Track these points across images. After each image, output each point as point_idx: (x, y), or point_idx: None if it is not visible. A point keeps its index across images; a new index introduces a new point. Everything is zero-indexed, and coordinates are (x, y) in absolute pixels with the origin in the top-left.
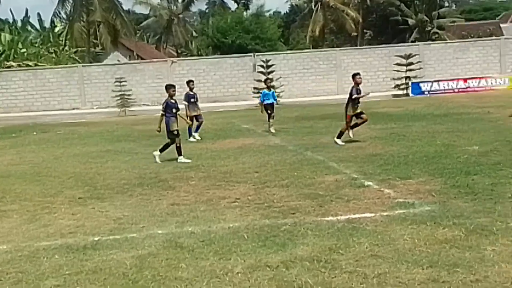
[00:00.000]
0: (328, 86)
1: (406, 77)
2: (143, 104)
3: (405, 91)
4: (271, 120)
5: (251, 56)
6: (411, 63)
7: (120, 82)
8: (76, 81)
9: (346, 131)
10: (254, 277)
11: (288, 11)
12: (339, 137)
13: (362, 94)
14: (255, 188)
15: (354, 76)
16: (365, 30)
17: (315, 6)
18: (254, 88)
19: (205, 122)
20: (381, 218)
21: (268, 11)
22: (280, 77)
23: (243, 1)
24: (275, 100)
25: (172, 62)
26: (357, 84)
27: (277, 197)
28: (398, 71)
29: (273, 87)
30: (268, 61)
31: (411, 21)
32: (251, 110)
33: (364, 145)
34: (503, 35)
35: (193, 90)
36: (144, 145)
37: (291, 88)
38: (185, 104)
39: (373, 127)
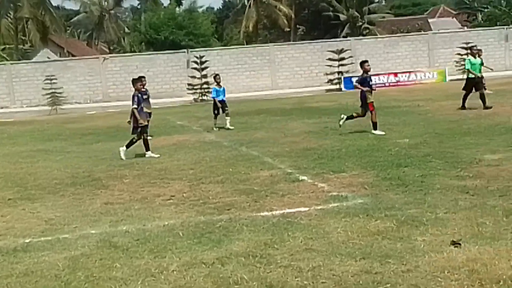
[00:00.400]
0: (262, 81)
1: (339, 72)
2: (75, 102)
3: (338, 86)
4: (227, 118)
5: (184, 52)
6: (343, 58)
7: (51, 79)
8: (4, 79)
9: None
10: (189, 274)
11: (221, 7)
12: (375, 128)
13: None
14: (190, 185)
15: (362, 63)
16: (298, 26)
17: (248, 1)
18: (189, 84)
19: None
20: (315, 212)
21: (201, 7)
22: (214, 73)
23: None
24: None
25: (104, 59)
26: (366, 71)
27: (213, 194)
28: (330, 66)
29: (207, 83)
30: (202, 57)
31: (342, 17)
32: (185, 106)
33: (298, 140)
34: (431, 30)
35: (145, 87)
36: (77, 143)
37: (225, 84)
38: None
39: (307, 122)
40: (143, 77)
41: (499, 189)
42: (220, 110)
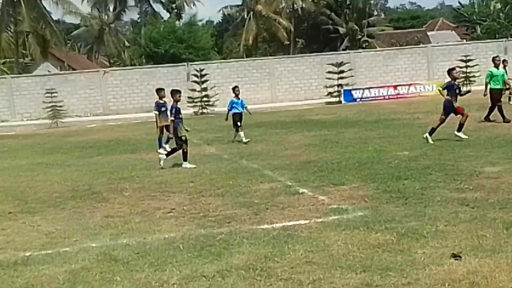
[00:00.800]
0: (262, 94)
1: (338, 85)
2: (75, 115)
3: (337, 99)
4: (240, 132)
5: (184, 65)
6: (343, 71)
7: (51, 93)
8: (5, 93)
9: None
10: (190, 287)
11: (221, 20)
12: (459, 130)
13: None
14: (190, 198)
15: (450, 71)
16: (297, 39)
17: (247, 15)
18: (189, 97)
19: (139, 132)
20: (315, 224)
21: (201, 20)
22: (215, 86)
23: (176, 10)
24: (245, 108)
25: (105, 72)
26: (454, 79)
27: (213, 206)
28: (330, 78)
29: (207, 96)
30: (202, 70)
31: (342, 30)
32: (185, 119)
33: (298, 152)
34: (430, 42)
35: (164, 99)
36: (77, 157)
37: (225, 97)
38: (155, 113)
39: (307, 134)
40: (163, 89)
41: (499, 202)
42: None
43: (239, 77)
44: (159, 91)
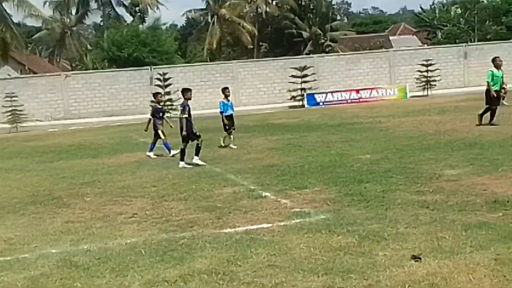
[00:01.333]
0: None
1: (302, 89)
2: (36, 120)
3: (300, 102)
4: (231, 136)
5: (147, 69)
6: (306, 75)
7: (11, 97)
8: None
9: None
10: None
11: (184, 24)
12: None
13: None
14: (153, 203)
15: (494, 59)
16: (261, 43)
17: (211, 19)
18: (151, 101)
19: (102, 137)
20: (278, 228)
21: (165, 24)
22: (178, 90)
23: (139, 14)
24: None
25: (66, 76)
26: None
27: (175, 211)
28: (293, 82)
29: (170, 100)
30: (165, 74)
31: (305, 34)
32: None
33: (261, 156)
34: (392, 47)
35: (161, 104)
36: (37, 161)
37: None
38: (150, 118)
39: (270, 138)
40: (159, 93)
41: (458, 204)
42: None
43: (203, 81)
44: (155, 96)
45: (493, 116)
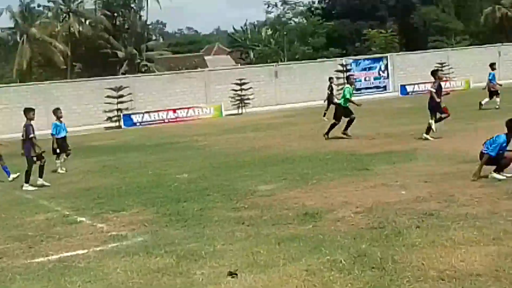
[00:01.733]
0: (37, 121)
1: (118, 109)
2: None
3: (117, 123)
4: (62, 158)
5: None
6: (122, 95)
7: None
8: None
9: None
10: None
11: None
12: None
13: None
14: None
15: (435, 72)
16: (74, 63)
17: (20, 38)
18: None
19: None
20: (94, 253)
21: None
22: None
23: None
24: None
25: None
26: (440, 79)
27: None
28: (109, 103)
29: None
30: None
31: (121, 54)
32: None
33: (76, 180)
34: (207, 66)
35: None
36: None
37: None
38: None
39: (86, 161)
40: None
41: (272, 218)
42: (58, 150)
43: (12, 103)
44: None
45: (346, 127)
